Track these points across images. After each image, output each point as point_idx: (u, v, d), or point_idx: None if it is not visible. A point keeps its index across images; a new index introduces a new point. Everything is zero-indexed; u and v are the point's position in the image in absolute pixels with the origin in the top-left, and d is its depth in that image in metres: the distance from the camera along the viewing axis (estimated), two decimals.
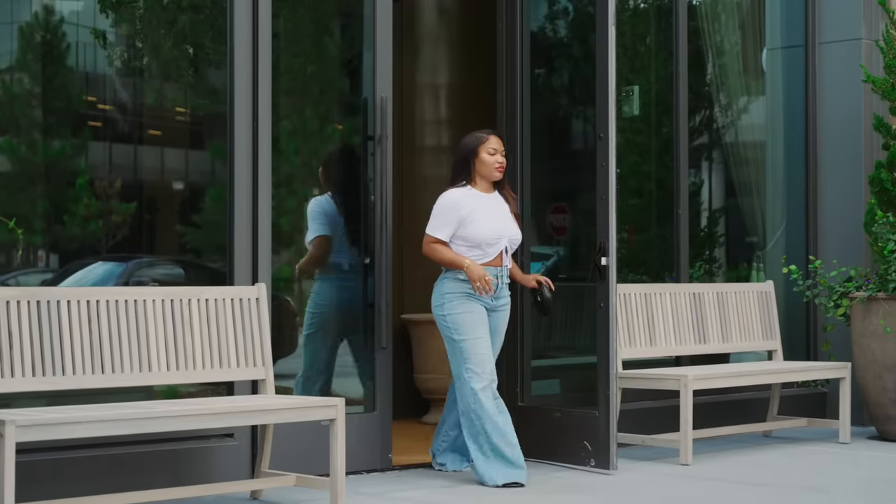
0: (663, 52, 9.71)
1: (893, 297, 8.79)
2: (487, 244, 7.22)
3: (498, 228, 7.25)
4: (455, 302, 7.20)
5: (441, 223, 7.22)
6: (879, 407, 9.03)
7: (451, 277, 7.23)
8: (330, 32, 8.53)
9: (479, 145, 7.32)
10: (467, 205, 7.22)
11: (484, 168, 7.32)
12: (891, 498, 6.95)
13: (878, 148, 9.60)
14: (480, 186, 7.35)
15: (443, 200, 7.28)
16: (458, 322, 7.19)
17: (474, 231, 7.19)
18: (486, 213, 7.25)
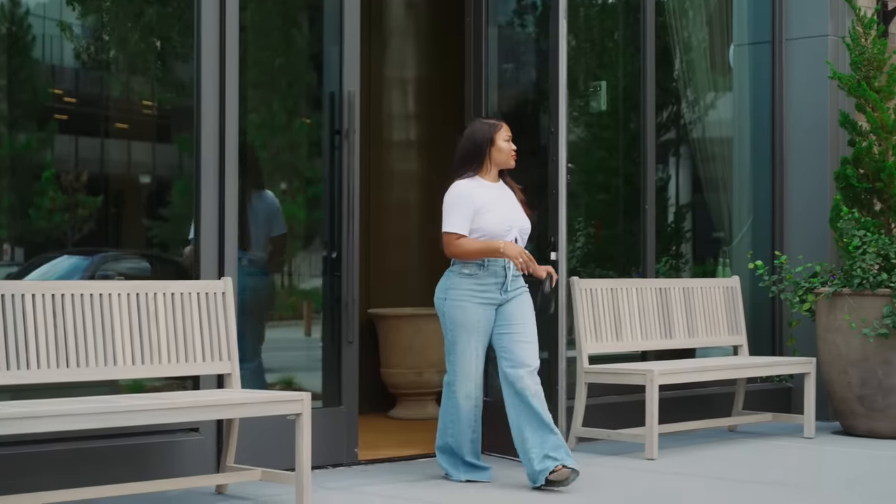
0: (631, 48, 9.73)
1: (858, 292, 8.83)
2: (501, 234, 6.93)
3: (509, 219, 6.99)
4: (457, 301, 6.97)
5: (458, 218, 6.93)
6: (844, 402, 9.07)
7: (457, 272, 7.01)
8: (298, 26, 8.52)
9: (496, 133, 7.07)
10: (479, 195, 6.96)
11: (500, 156, 7.07)
12: (855, 492, 6.99)
13: (844, 144, 9.63)
14: (490, 176, 7.09)
15: (454, 193, 6.99)
16: (457, 323, 6.98)
17: (486, 222, 6.92)
18: (498, 203, 7.00)
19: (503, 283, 6.98)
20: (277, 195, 8.34)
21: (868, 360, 8.87)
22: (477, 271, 6.95)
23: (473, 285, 6.95)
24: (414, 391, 9.81)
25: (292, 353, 8.61)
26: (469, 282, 6.95)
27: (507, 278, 7.00)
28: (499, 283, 6.98)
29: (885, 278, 8.74)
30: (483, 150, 7.05)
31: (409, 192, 10.49)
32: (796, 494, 6.95)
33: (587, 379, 8.24)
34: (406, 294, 10.24)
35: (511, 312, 7.01)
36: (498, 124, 7.10)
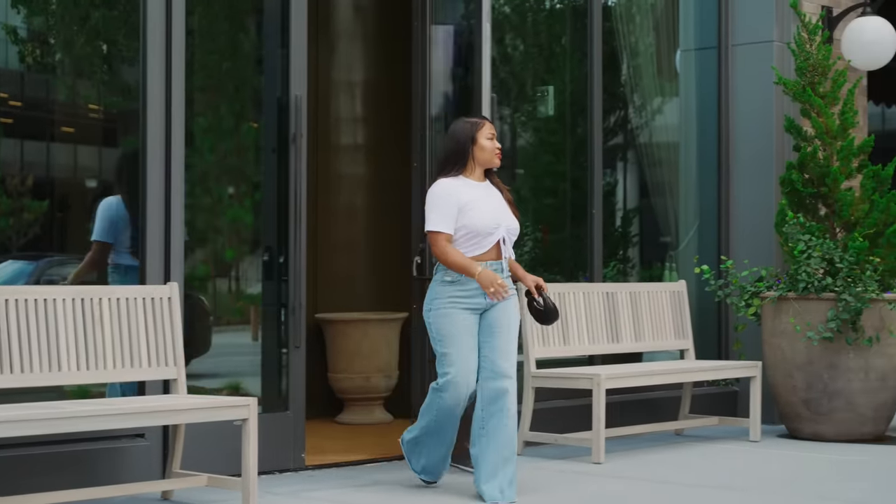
0: (578, 53, 9.76)
1: (803, 296, 8.89)
2: (484, 234, 6.67)
3: (495, 217, 6.71)
4: (441, 310, 6.71)
5: (441, 215, 6.67)
6: (789, 405, 9.13)
7: (440, 280, 6.75)
8: (245, 29, 8.49)
9: (477, 131, 6.80)
10: (463, 193, 6.70)
11: (484, 154, 6.80)
12: (800, 495, 7.03)
13: (790, 149, 9.70)
14: (475, 175, 6.83)
15: (436, 190, 6.74)
16: (443, 332, 6.71)
17: (472, 219, 6.65)
18: (484, 201, 6.73)
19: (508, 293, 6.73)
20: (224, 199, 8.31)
21: (813, 364, 8.93)
22: (459, 278, 6.68)
23: (457, 292, 6.70)
24: (361, 396, 9.80)
25: (239, 357, 8.58)
26: (452, 289, 6.70)
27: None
28: (481, 289, 6.69)
29: (829, 282, 8.80)
30: (465, 150, 6.80)
31: (356, 196, 10.47)
32: (742, 498, 6.98)
33: (534, 383, 8.25)
34: (354, 298, 10.23)
35: (494, 320, 6.78)
36: (480, 122, 6.85)
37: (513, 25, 10.12)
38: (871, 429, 9.05)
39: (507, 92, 10.07)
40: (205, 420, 6.27)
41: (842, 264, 8.82)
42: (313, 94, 9.61)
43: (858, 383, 8.90)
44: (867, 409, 8.97)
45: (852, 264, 8.82)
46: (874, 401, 8.97)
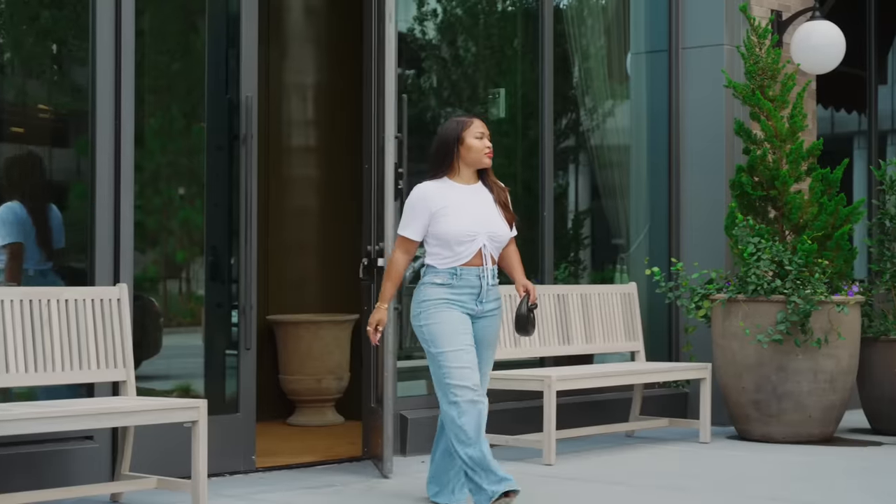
0: (530, 55, 9.78)
1: (753, 298, 8.93)
2: (458, 242, 6.33)
3: (473, 225, 6.34)
4: (432, 311, 6.33)
5: (408, 220, 6.38)
6: (739, 407, 9.18)
7: (429, 282, 6.38)
8: (196, 30, 8.46)
9: (463, 130, 6.43)
10: (441, 198, 6.36)
11: (472, 155, 6.43)
12: (748, 495, 7.07)
13: (739, 152, 9.75)
14: (462, 177, 6.46)
15: (413, 195, 6.43)
16: (435, 333, 6.32)
17: (445, 227, 6.32)
18: (463, 207, 6.37)
19: (478, 294, 6.39)
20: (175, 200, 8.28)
21: (762, 366, 8.98)
22: (450, 280, 6.35)
23: (448, 294, 6.35)
24: (313, 398, 9.78)
25: (190, 359, 8.54)
26: (442, 291, 6.35)
27: (483, 288, 6.41)
28: (474, 293, 6.38)
29: (778, 285, 8.86)
30: (451, 150, 6.45)
31: (308, 198, 10.46)
32: (692, 499, 7.02)
33: None
34: (305, 300, 10.21)
35: (479, 338, 6.48)
36: (467, 121, 6.49)
37: (464, 27, 10.13)
38: (820, 430, 9.11)
39: (458, 94, 10.09)
40: (154, 422, 6.25)
41: (791, 267, 8.87)
42: (264, 95, 9.58)
43: (807, 385, 8.96)
44: (816, 411, 9.02)
45: (801, 267, 8.88)
46: (823, 402, 9.02)
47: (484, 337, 6.51)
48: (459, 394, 6.25)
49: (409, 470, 7.75)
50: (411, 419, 8.30)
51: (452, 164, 6.46)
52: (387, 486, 7.21)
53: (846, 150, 12.56)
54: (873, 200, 10.95)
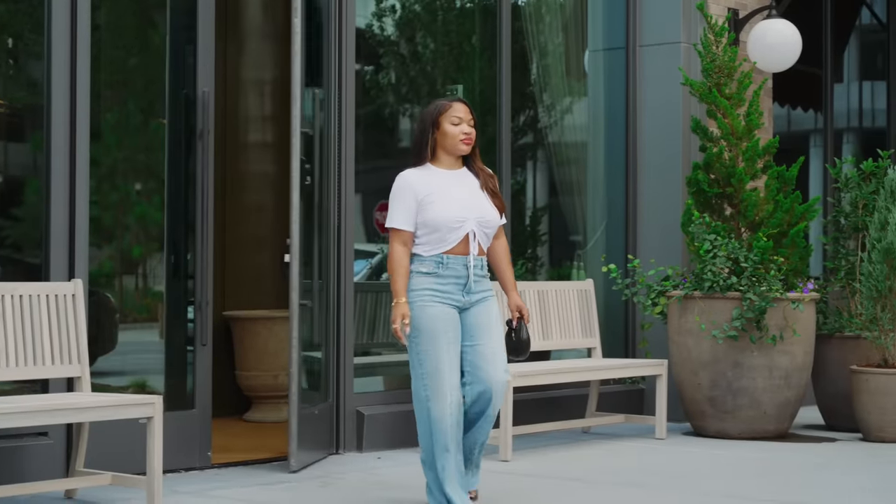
0: (488, 52, 9.79)
1: (709, 295, 8.97)
2: (449, 229, 6.11)
3: (461, 210, 6.13)
4: (417, 302, 6.12)
5: (397, 211, 6.13)
6: (694, 403, 9.22)
7: (416, 270, 6.15)
8: (153, 25, 8.43)
9: (440, 114, 6.19)
10: (425, 185, 6.14)
11: (448, 141, 6.18)
12: (703, 491, 7.10)
13: (696, 150, 9.79)
14: (444, 163, 6.24)
15: (396, 184, 6.19)
16: (418, 328, 6.12)
17: (433, 214, 6.09)
18: (449, 192, 6.15)
19: (465, 284, 6.16)
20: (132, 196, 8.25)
21: (718, 362, 9.02)
22: (436, 269, 6.14)
23: (434, 284, 6.13)
24: (269, 394, 9.76)
25: (146, 355, 8.52)
26: (428, 280, 6.14)
27: (470, 278, 6.18)
28: (461, 283, 6.16)
29: (734, 282, 8.90)
30: (427, 136, 6.23)
31: (265, 194, 10.44)
32: (648, 494, 7.04)
33: None
34: (261, 296, 10.19)
35: (474, 322, 6.24)
36: (445, 104, 6.23)
37: (423, 24, 10.13)
38: (775, 426, 9.16)
39: (416, 90, 10.09)
40: (109, 418, 6.22)
41: (746, 264, 8.92)
42: (221, 91, 9.56)
43: (762, 381, 9.00)
44: (771, 407, 9.07)
45: (757, 264, 8.93)
46: (778, 398, 9.07)
47: (477, 323, 6.24)
48: (437, 402, 6.11)
49: (365, 466, 7.75)
50: (367, 415, 8.30)
51: (431, 150, 6.23)
52: (343, 482, 7.20)
53: (802, 148, 12.63)
54: (829, 198, 11.02)
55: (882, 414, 9.04)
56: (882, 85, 13.57)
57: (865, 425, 9.15)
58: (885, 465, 8.15)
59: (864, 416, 9.14)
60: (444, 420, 6.10)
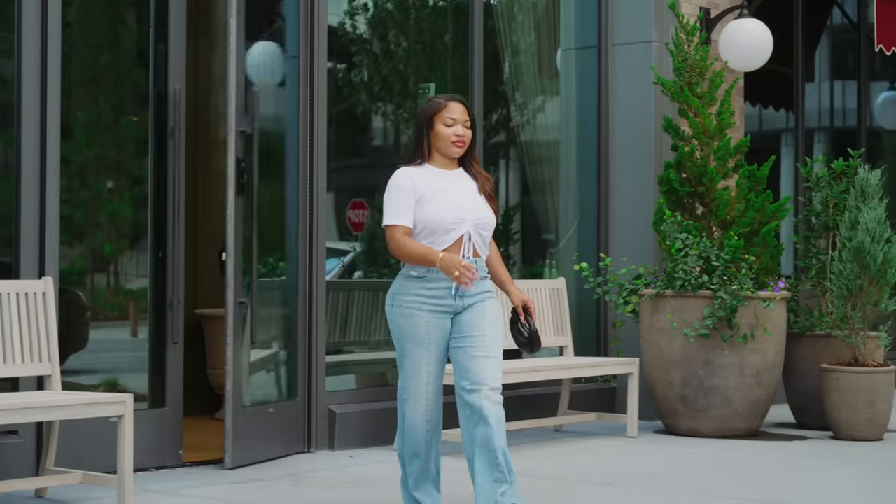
0: (460, 51, 9.79)
1: (680, 294, 9.00)
2: (444, 230, 5.84)
3: (458, 210, 5.87)
4: (402, 308, 5.90)
5: (397, 207, 5.86)
6: (666, 402, 9.24)
7: (405, 275, 5.91)
8: (124, 22, 8.40)
9: (435, 114, 5.94)
10: (422, 183, 5.88)
11: (439, 142, 5.93)
12: (675, 489, 7.12)
13: (668, 149, 9.81)
14: (439, 163, 5.99)
15: (392, 181, 5.92)
16: (402, 332, 5.92)
17: (429, 212, 5.83)
18: (447, 192, 5.89)
19: (457, 288, 5.86)
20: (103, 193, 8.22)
21: (690, 361, 9.05)
22: (425, 273, 5.85)
23: (422, 290, 5.87)
24: None
25: (118, 353, 8.50)
26: (417, 286, 5.87)
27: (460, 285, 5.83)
28: (450, 287, 5.87)
29: (705, 280, 8.92)
30: (422, 135, 5.99)
31: None
32: (617, 492, 7.06)
33: None
34: None
35: (468, 322, 5.91)
36: (442, 104, 5.97)
37: (395, 22, 10.13)
38: (746, 425, 9.19)
39: (389, 88, 10.08)
40: (79, 417, 6.20)
41: (718, 262, 8.94)
42: (193, 88, 9.53)
43: (734, 380, 9.03)
44: (742, 406, 9.10)
45: (728, 262, 8.95)
46: (749, 397, 9.10)
47: (471, 322, 5.90)
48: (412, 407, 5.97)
49: (337, 464, 7.75)
50: (339, 413, 8.29)
51: (426, 148, 5.98)
52: (315, 481, 7.20)
53: (774, 147, 12.67)
54: (800, 197, 11.05)
55: (852, 412, 9.08)
56: (853, 84, 13.63)
57: (836, 424, 9.19)
58: (856, 463, 8.18)
59: (835, 415, 9.18)
60: (416, 427, 5.97)
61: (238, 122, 7.52)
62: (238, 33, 7.56)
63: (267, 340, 8.36)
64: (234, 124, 7.49)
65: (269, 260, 8.55)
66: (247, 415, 7.61)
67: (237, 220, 7.52)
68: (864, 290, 9.14)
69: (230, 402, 7.48)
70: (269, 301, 8.36)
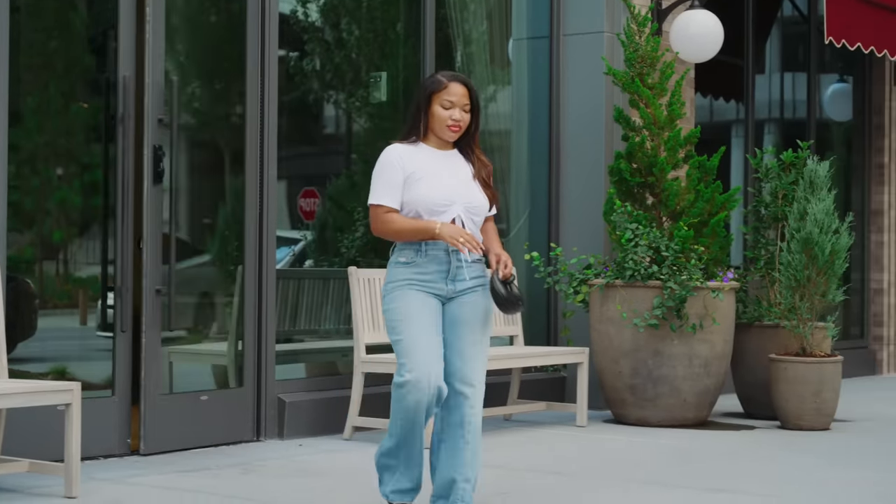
0: (412, 39, 9.78)
1: (630, 284, 9.03)
2: (430, 213, 5.54)
3: (449, 193, 5.57)
4: (396, 293, 5.57)
5: (384, 186, 5.56)
6: (615, 391, 9.28)
7: (394, 262, 5.63)
8: (75, 8, 8.35)
9: (434, 93, 5.62)
10: (412, 161, 5.57)
11: (435, 124, 5.62)
12: (624, 478, 7.15)
13: (619, 139, 9.84)
14: (434, 143, 5.68)
15: (381, 158, 5.61)
16: (396, 318, 5.57)
17: (417, 193, 5.54)
18: (438, 173, 5.59)
19: (447, 272, 5.60)
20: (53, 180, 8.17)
21: (639, 351, 9.09)
22: (414, 258, 5.58)
23: (413, 275, 5.57)
24: None
25: (67, 342, 8.45)
26: (408, 271, 5.58)
27: (453, 265, 5.60)
28: (442, 271, 5.60)
29: (655, 270, 8.96)
30: (419, 112, 5.67)
31: None
32: (568, 482, 7.08)
33: (364, 368, 8.27)
34: None
35: (457, 316, 5.65)
36: (441, 82, 5.63)
37: (347, 10, 10.11)
38: (695, 414, 9.24)
39: (341, 77, 10.06)
40: (26, 405, 6.17)
41: (667, 253, 8.99)
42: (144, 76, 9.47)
43: (682, 369, 9.08)
44: (690, 395, 9.15)
45: (678, 253, 9.00)
46: (697, 387, 9.15)
47: (462, 314, 5.65)
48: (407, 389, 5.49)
49: (286, 453, 7.74)
50: (289, 402, 8.28)
51: (422, 127, 5.66)
52: (264, 469, 7.19)
53: (724, 139, 12.74)
54: (749, 188, 11.12)
55: (800, 402, 9.15)
56: (803, 76, 13.72)
57: (783, 413, 9.26)
58: (801, 452, 8.25)
59: (783, 405, 9.24)
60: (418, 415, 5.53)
61: (155, 110, 7.50)
62: (154, 21, 7.57)
63: (205, 328, 8.36)
64: (152, 113, 7.49)
65: (215, 247, 8.54)
66: (168, 402, 7.62)
67: (153, 208, 7.51)
68: (812, 280, 9.21)
69: (143, 389, 7.49)
70: (213, 289, 8.35)
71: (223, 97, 9.91)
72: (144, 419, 7.50)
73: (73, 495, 6.21)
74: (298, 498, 6.44)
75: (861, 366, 13.57)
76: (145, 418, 7.51)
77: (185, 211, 10.12)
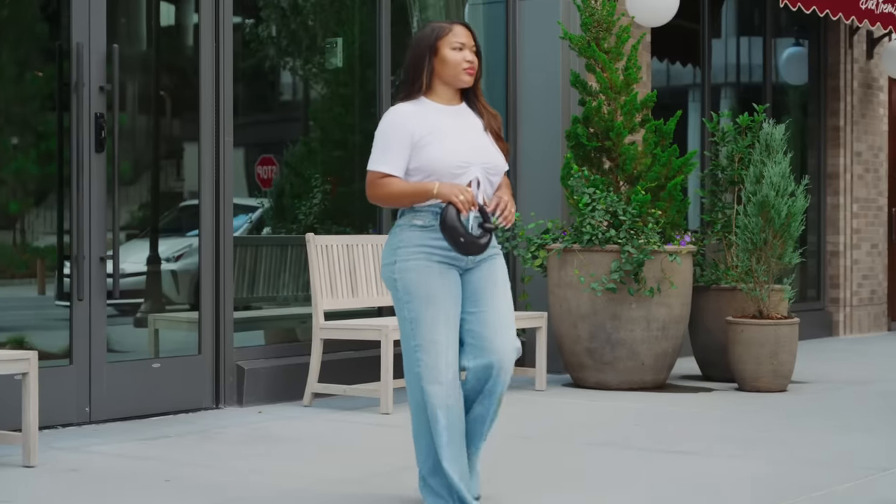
0: (368, 5, 9.75)
1: (588, 248, 9.05)
2: (450, 175, 5.11)
3: (465, 152, 5.16)
4: (411, 261, 5.13)
5: (386, 152, 5.14)
6: (574, 355, 9.31)
7: (406, 224, 5.18)
8: None
9: (440, 38, 5.20)
10: (421, 123, 5.15)
11: (447, 70, 5.19)
12: (583, 441, 7.19)
13: (576, 104, 9.85)
14: (442, 97, 5.26)
15: (386, 121, 5.20)
16: (412, 290, 5.13)
17: (430, 156, 5.11)
18: (450, 131, 5.18)
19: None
20: (8, 150, 8.12)
21: (597, 315, 9.12)
22: (433, 222, 5.14)
23: (429, 240, 5.13)
24: None
25: (24, 311, 8.43)
26: (422, 236, 5.14)
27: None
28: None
29: (613, 235, 8.99)
30: (423, 64, 5.22)
31: None
32: (528, 445, 7.11)
33: (322, 335, 8.27)
34: None
35: (478, 285, 5.24)
36: (445, 27, 5.24)
37: None
38: (653, 377, 9.29)
39: (297, 43, 10.03)
40: None
41: (625, 217, 9.01)
42: None
43: (640, 333, 9.12)
44: (648, 358, 9.20)
45: (635, 217, 9.02)
46: (655, 350, 9.20)
47: (481, 285, 5.24)
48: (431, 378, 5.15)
49: (245, 420, 7.74)
50: (248, 369, 8.28)
51: (427, 80, 5.24)
52: (223, 437, 7.19)
53: (681, 103, 12.75)
54: (706, 152, 11.15)
55: (757, 364, 9.21)
56: (759, 41, 13.75)
57: (740, 375, 9.32)
58: (758, 413, 8.30)
59: (740, 367, 9.30)
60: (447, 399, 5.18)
61: (96, 78, 7.45)
62: None
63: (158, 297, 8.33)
64: (90, 80, 7.42)
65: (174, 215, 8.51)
66: (118, 370, 7.62)
67: (97, 176, 7.46)
68: (768, 243, 9.25)
69: (91, 356, 7.49)
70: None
71: (177, 64, 9.87)
72: (91, 387, 7.47)
73: (32, 464, 6.19)
74: (258, 465, 6.45)
75: (818, 328, 13.66)
76: (91, 386, 7.48)
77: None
